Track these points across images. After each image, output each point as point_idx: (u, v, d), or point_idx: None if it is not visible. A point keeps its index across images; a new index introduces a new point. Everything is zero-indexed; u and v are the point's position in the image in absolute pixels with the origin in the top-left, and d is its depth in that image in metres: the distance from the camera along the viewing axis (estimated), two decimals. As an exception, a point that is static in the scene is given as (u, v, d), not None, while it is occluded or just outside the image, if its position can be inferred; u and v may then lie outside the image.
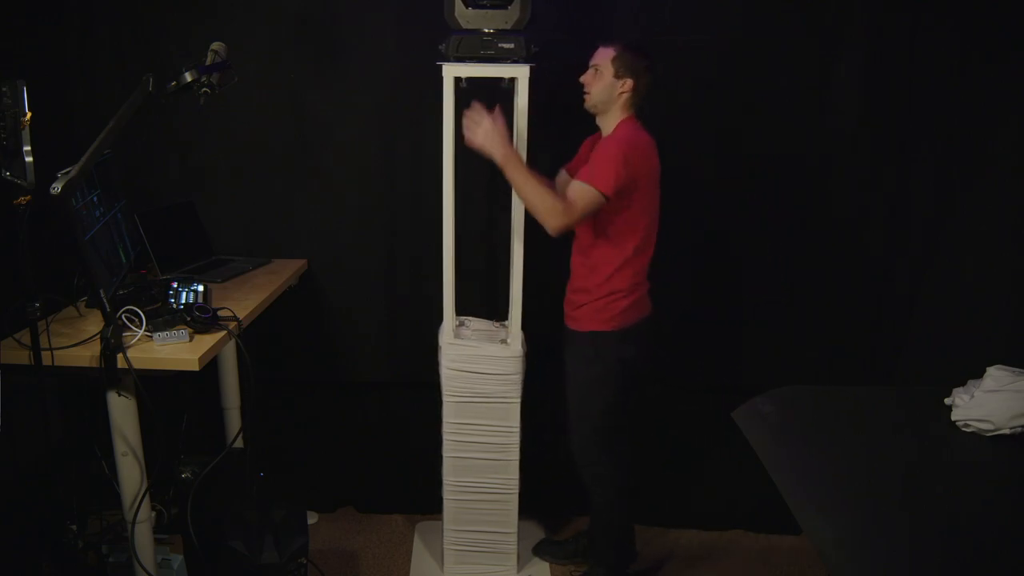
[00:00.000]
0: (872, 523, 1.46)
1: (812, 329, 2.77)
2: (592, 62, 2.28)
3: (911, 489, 1.59)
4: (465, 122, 2.20)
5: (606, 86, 2.24)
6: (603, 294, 2.33)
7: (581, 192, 2.16)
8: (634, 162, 2.18)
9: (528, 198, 2.18)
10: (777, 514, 2.51)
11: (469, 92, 2.29)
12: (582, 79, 2.29)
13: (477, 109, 2.18)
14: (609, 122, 2.30)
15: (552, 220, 2.15)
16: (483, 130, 2.16)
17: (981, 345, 2.47)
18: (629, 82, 2.23)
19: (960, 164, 2.58)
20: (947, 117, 2.55)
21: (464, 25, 2.24)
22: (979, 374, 1.83)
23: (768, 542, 2.94)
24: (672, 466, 2.94)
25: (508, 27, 2.24)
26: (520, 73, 2.25)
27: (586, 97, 2.29)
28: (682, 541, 2.94)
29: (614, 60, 2.23)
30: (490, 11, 2.22)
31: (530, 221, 2.35)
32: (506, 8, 2.22)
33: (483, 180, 2.68)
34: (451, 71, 2.24)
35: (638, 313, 2.37)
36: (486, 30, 2.24)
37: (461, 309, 2.52)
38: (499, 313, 2.66)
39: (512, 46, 2.24)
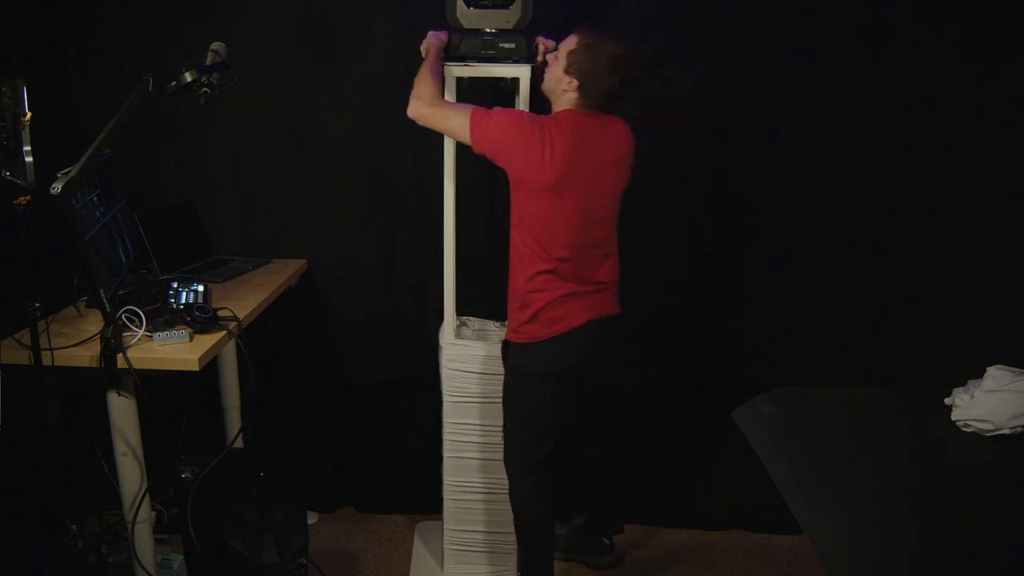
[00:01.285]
0: (872, 523, 1.46)
1: (812, 329, 2.77)
2: (556, 45, 2.16)
3: (911, 489, 1.59)
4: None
5: (553, 77, 2.12)
6: (513, 300, 2.20)
7: (460, 109, 2.10)
8: (522, 144, 2.04)
9: (416, 81, 2.13)
10: (777, 514, 2.50)
11: (469, 91, 2.29)
12: (539, 60, 2.21)
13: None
14: (554, 108, 2.17)
15: (414, 102, 2.10)
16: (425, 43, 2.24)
17: (981, 345, 2.47)
18: (574, 83, 2.06)
19: (960, 164, 2.58)
20: (947, 117, 2.55)
21: (466, 25, 2.23)
22: (979, 374, 1.83)
23: (768, 542, 2.94)
24: (672, 466, 2.94)
25: (509, 27, 2.23)
26: (521, 73, 2.25)
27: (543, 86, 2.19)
28: (681, 541, 2.94)
29: (571, 54, 2.07)
30: (491, 11, 2.21)
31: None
32: (507, 8, 2.21)
33: (483, 181, 2.68)
34: (451, 71, 2.24)
35: (555, 327, 2.16)
36: (488, 29, 2.23)
37: (461, 309, 2.52)
38: (499, 313, 2.66)
39: (513, 46, 2.23)
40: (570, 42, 2.10)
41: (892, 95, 2.56)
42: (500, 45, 2.23)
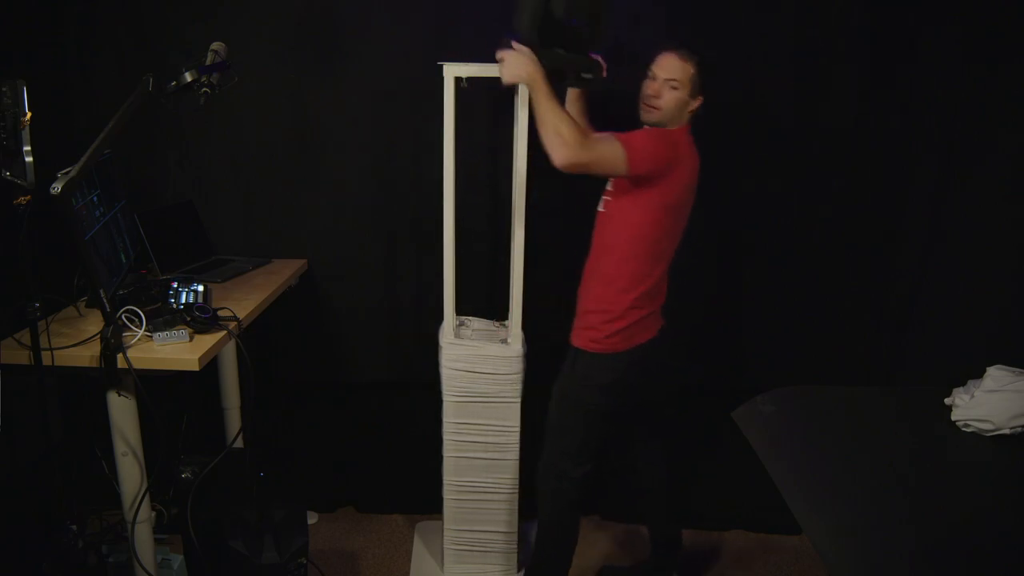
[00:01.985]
0: (872, 523, 1.46)
1: (812, 329, 2.77)
2: (664, 75, 2.10)
3: (911, 489, 1.60)
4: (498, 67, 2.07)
5: (680, 103, 2.10)
6: (597, 312, 2.23)
7: (608, 141, 1.99)
8: (673, 160, 2.06)
9: (547, 120, 1.97)
10: (777, 514, 2.50)
11: (469, 92, 2.29)
12: (649, 91, 2.12)
13: (501, 50, 2.05)
14: None
15: (564, 149, 1.94)
16: (507, 62, 2.02)
17: (981, 345, 2.47)
18: (700, 99, 2.13)
19: (960, 164, 2.58)
20: (947, 117, 2.55)
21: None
22: (979, 374, 1.84)
23: (768, 542, 2.94)
24: (672, 466, 2.93)
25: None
26: None
27: (651, 111, 2.12)
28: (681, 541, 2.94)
29: (693, 78, 2.09)
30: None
31: (531, 222, 2.35)
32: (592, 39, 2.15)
33: (484, 180, 2.68)
34: (451, 71, 2.24)
35: (638, 337, 2.23)
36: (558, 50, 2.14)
37: (461, 309, 2.52)
38: (499, 313, 2.66)
39: (592, 76, 2.19)
40: (685, 69, 2.09)
41: (892, 95, 2.56)
42: (584, 76, 2.17)
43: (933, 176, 2.61)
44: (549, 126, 1.97)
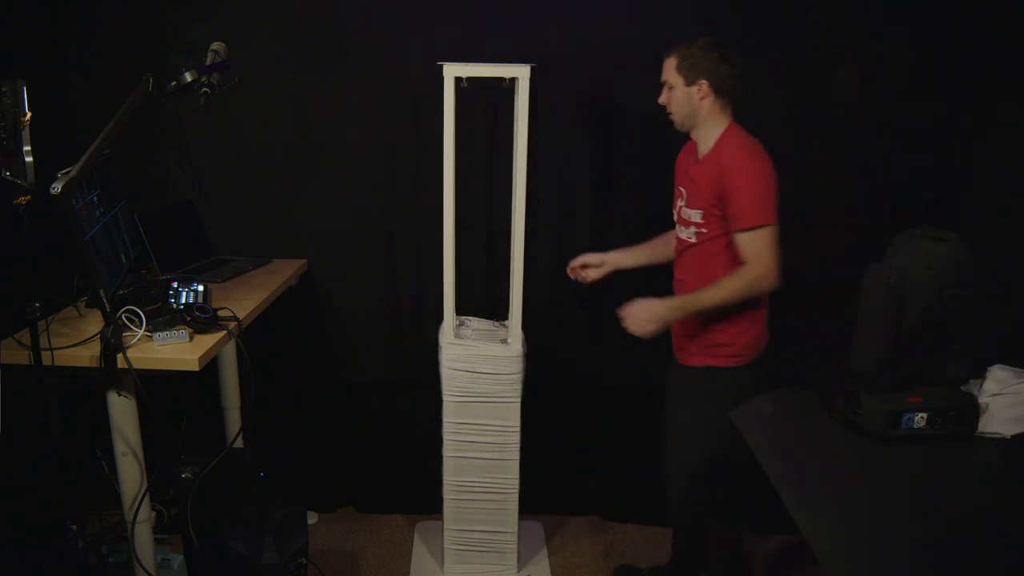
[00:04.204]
0: (870, 525, 1.46)
1: (812, 329, 2.76)
2: (662, 79, 2.08)
3: (910, 490, 1.59)
4: (624, 324, 2.05)
5: (682, 99, 2.04)
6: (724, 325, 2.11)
7: (756, 240, 1.94)
8: (773, 173, 1.99)
9: (728, 301, 1.99)
10: (777, 514, 2.50)
11: (469, 92, 2.29)
12: (660, 101, 2.10)
13: (624, 311, 2.04)
14: (707, 135, 2.07)
15: (760, 287, 1.98)
16: (633, 320, 2.02)
17: (981, 345, 2.47)
18: (704, 84, 2.01)
19: (960, 164, 2.58)
20: (947, 117, 2.55)
21: None
22: (979, 374, 1.83)
23: (768, 542, 2.94)
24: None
25: None
26: (521, 73, 2.25)
27: (672, 119, 2.11)
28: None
29: (678, 67, 2.02)
30: None
31: (531, 220, 2.35)
32: None
33: (483, 179, 2.68)
34: (451, 71, 2.24)
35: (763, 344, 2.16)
36: None
37: (461, 309, 2.52)
38: (499, 313, 2.66)
39: None
40: (669, 63, 2.08)
41: (892, 94, 2.56)
42: None
43: (933, 176, 2.60)
44: (734, 299, 1.98)
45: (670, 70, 2.05)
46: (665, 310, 2.02)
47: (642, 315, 2.02)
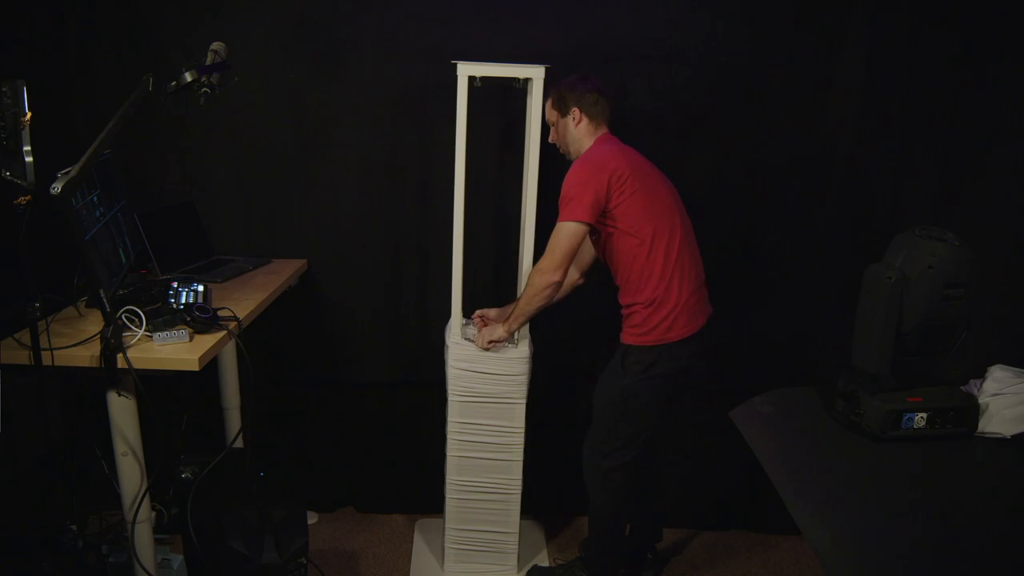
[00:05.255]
0: (870, 524, 1.46)
1: (812, 329, 2.77)
2: (547, 120, 2.35)
3: (909, 490, 1.59)
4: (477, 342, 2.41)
5: (565, 130, 2.32)
6: (629, 306, 2.30)
7: (555, 234, 2.20)
8: (601, 175, 2.17)
9: (532, 296, 2.26)
10: (777, 514, 2.50)
11: (482, 91, 2.28)
12: (550, 140, 2.36)
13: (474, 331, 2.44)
14: (582, 149, 2.33)
15: (546, 280, 2.20)
16: (480, 339, 2.40)
17: (981, 345, 2.47)
18: (575, 111, 2.29)
19: (960, 164, 2.58)
20: (947, 117, 2.55)
21: None
22: (979, 374, 1.83)
23: (768, 542, 2.94)
24: (672, 466, 2.93)
25: None
26: (535, 74, 2.25)
27: (562, 151, 2.36)
28: (681, 541, 2.94)
29: (553, 105, 2.31)
30: None
31: (539, 220, 2.35)
32: None
33: (491, 180, 2.68)
34: (465, 70, 2.23)
35: (682, 329, 2.28)
36: None
37: (468, 310, 2.52)
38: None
39: None
40: (548, 106, 2.35)
41: (892, 95, 2.56)
42: None
43: (933, 176, 2.60)
44: (533, 303, 2.27)
45: (549, 110, 2.33)
46: (505, 326, 2.36)
47: (488, 336, 2.39)
